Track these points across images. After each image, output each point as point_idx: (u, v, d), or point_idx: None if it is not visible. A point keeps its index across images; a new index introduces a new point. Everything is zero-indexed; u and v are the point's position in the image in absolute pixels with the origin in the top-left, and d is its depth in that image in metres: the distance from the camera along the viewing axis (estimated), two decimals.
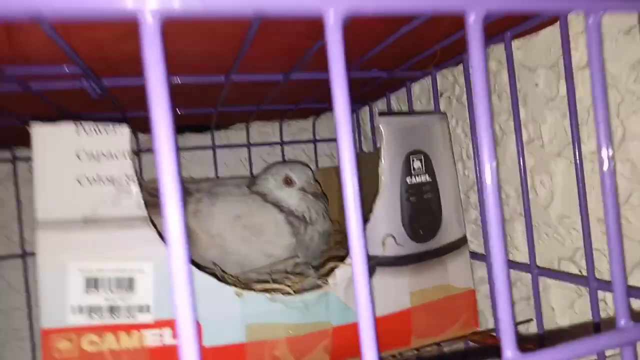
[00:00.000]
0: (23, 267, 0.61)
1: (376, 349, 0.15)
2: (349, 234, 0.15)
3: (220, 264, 0.49)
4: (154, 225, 0.32)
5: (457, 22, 0.31)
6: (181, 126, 0.65)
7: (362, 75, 0.42)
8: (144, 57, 0.13)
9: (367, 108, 0.62)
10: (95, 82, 0.37)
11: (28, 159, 0.62)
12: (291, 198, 0.50)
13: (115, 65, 0.35)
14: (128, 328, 0.31)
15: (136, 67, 0.36)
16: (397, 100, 0.55)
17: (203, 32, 0.29)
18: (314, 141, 0.71)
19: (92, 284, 0.31)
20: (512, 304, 0.40)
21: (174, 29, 0.27)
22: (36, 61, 0.31)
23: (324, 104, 0.60)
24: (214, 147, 0.67)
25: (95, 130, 0.31)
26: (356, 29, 0.30)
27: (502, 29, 0.34)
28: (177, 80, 0.40)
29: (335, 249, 0.58)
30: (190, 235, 0.47)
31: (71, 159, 0.31)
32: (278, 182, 0.51)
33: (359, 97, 0.55)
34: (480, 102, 0.15)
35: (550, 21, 0.34)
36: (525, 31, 0.35)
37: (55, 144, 0.31)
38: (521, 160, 0.36)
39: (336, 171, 0.67)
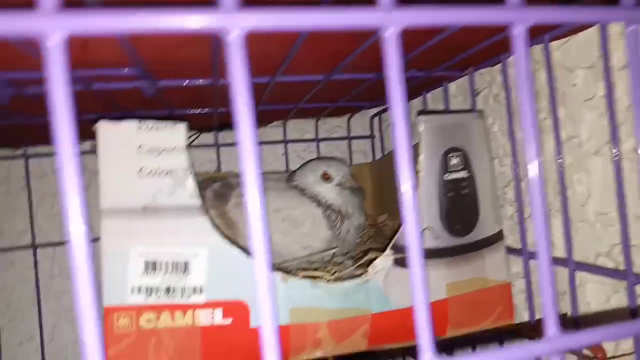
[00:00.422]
0: None
1: (431, 333, 0.17)
2: (404, 223, 0.17)
3: None
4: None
5: (496, 27, 0.32)
6: (221, 124, 0.68)
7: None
8: (230, 67, 0.15)
9: None
10: (151, 83, 0.40)
11: (79, 153, 0.66)
12: (329, 193, 0.52)
13: (171, 68, 0.37)
14: (182, 308, 0.34)
15: (188, 69, 0.38)
16: (433, 99, 0.56)
17: (257, 38, 0.31)
18: (349, 138, 0.73)
19: (151, 266, 0.34)
20: None
21: None
22: (102, 64, 0.34)
23: (361, 103, 0.62)
24: None
25: (154, 127, 0.34)
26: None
27: (540, 32, 0.35)
28: (225, 81, 0.42)
29: (369, 243, 0.60)
30: (232, 226, 0.50)
31: (132, 153, 0.34)
32: (316, 177, 0.53)
33: None
34: (526, 106, 0.17)
35: (589, 24, 0.35)
36: (564, 34, 0.36)
37: (118, 140, 0.34)
38: (559, 158, 0.37)
39: (369, 168, 0.69)
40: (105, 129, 0.34)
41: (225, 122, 0.69)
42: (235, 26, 0.15)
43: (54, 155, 0.65)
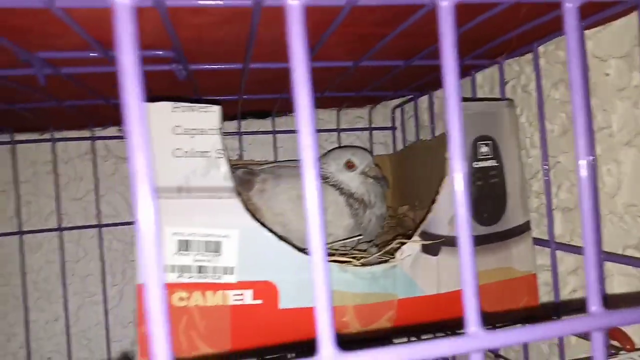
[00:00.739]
0: (98, 237, 0.66)
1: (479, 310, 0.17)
2: (456, 209, 0.17)
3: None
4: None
5: (532, 12, 0.32)
6: (245, 112, 0.69)
7: (430, 62, 0.44)
8: (289, 37, 0.15)
9: (425, 97, 0.64)
10: (183, 66, 0.40)
11: (104, 138, 0.67)
12: (352, 181, 0.53)
13: (204, 51, 0.38)
14: (213, 287, 0.34)
15: (221, 52, 0.39)
16: None
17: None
18: (370, 129, 0.73)
19: (184, 246, 0.34)
20: (574, 291, 0.41)
21: (268, 16, 0.30)
22: (140, 46, 0.35)
23: (384, 92, 0.62)
24: (274, 132, 0.70)
25: (189, 109, 0.34)
26: (427, 19, 0.31)
27: None
28: (255, 66, 0.42)
29: (390, 233, 0.60)
30: (257, 213, 0.51)
31: (168, 134, 0.35)
32: (340, 165, 0.53)
33: (422, 85, 0.56)
34: (575, 82, 0.17)
35: (625, 12, 0.34)
36: (598, 21, 0.36)
37: (154, 120, 0.35)
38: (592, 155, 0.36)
39: (390, 159, 0.69)
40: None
41: (248, 111, 0.70)
42: None
43: (80, 140, 0.67)
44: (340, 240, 0.49)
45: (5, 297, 0.67)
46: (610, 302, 0.37)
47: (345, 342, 0.36)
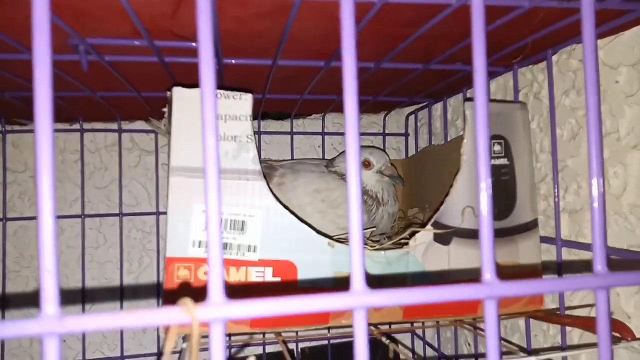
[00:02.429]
0: (119, 226, 0.69)
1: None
2: (479, 198, 0.19)
3: None
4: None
5: (548, 18, 0.35)
6: (264, 112, 0.71)
7: (446, 67, 0.46)
8: (342, 34, 0.18)
9: (438, 105, 0.66)
10: (217, 60, 0.43)
11: (131, 131, 0.70)
12: (368, 179, 0.55)
13: (238, 45, 0.40)
14: (237, 264, 0.37)
15: (254, 46, 0.41)
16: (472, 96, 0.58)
17: (325, 14, 0.34)
18: (383, 134, 0.75)
19: None
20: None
21: (305, 10, 0.32)
22: (179, 36, 0.38)
23: (399, 98, 0.65)
24: (291, 134, 0.73)
25: (224, 96, 0.37)
26: (449, 21, 0.34)
27: None
28: (283, 62, 0.45)
29: (401, 233, 0.62)
30: None
31: None
32: None
33: (436, 91, 0.59)
34: (590, 79, 0.19)
35: (635, 22, 0.37)
36: (610, 31, 0.38)
37: (190, 105, 0.37)
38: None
39: (402, 164, 0.71)
40: (180, 95, 0.37)
41: (268, 112, 0.72)
42: None
43: (107, 132, 0.70)
44: None
45: (26, 279, 0.69)
46: None
47: None
